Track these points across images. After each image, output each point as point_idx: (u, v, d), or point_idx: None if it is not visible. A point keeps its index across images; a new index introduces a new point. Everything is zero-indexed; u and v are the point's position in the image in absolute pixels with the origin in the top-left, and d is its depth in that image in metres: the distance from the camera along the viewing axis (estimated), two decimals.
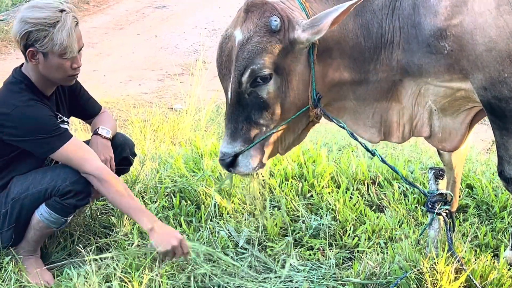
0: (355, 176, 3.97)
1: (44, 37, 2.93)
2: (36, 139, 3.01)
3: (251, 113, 2.77)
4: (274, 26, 2.64)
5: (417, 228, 3.42)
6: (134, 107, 5.96)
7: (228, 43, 2.75)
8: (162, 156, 4.37)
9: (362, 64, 2.86)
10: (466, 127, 3.03)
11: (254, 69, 2.66)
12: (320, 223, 3.49)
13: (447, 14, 2.68)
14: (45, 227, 3.13)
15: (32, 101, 3.03)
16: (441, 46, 2.72)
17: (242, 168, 2.86)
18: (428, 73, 2.82)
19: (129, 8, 10.53)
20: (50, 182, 3.06)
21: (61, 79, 3.09)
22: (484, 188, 3.86)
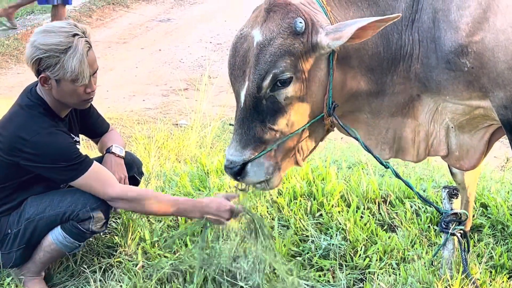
0: (366, 195, 3.96)
1: (55, 64, 2.93)
2: (57, 167, 3.02)
3: (266, 118, 2.70)
4: (299, 28, 2.59)
5: (430, 248, 3.41)
6: (138, 123, 5.97)
7: (244, 44, 2.69)
8: (167, 174, 4.38)
9: (380, 75, 2.85)
10: (485, 144, 3.01)
11: (276, 73, 2.60)
12: (330, 243, 3.48)
13: (469, 30, 2.67)
14: (56, 250, 3.15)
15: (53, 128, 3.04)
16: (462, 63, 2.71)
17: (251, 177, 2.78)
18: (446, 90, 2.81)
19: (132, 21, 10.59)
20: (69, 206, 3.07)
21: (75, 104, 3.12)
22: (499, 207, 3.85)
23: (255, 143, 2.73)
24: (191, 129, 5.40)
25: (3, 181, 3.12)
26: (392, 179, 4.21)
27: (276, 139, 2.74)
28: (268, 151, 2.74)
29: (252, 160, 2.74)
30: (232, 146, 2.75)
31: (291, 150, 2.83)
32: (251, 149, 2.73)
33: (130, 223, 3.56)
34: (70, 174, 3.04)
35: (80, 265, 3.36)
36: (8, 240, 3.14)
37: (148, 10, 11.33)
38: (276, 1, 2.68)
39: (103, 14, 10.79)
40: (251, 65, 2.65)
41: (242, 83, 2.69)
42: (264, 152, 2.73)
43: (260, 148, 2.73)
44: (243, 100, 2.69)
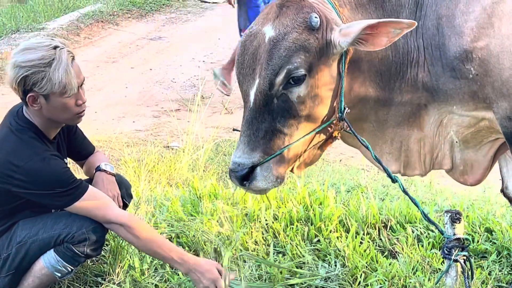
0: (366, 220, 3.97)
1: (42, 78, 2.93)
2: (52, 193, 3.02)
3: (276, 119, 2.68)
4: (315, 23, 2.60)
5: (433, 275, 3.41)
6: (127, 146, 5.98)
7: (254, 41, 2.69)
8: (158, 199, 4.38)
9: (388, 80, 2.87)
10: (490, 160, 3.03)
11: (290, 69, 2.60)
12: (328, 270, 3.48)
13: (473, 35, 2.70)
14: (47, 274, 3.14)
15: (46, 152, 3.04)
16: (466, 69, 2.73)
17: (260, 182, 2.73)
18: (453, 100, 2.83)
19: (122, 40, 10.64)
20: (64, 228, 3.08)
21: (68, 119, 3.12)
22: (505, 232, 3.86)
23: (264, 145, 2.70)
24: (183, 151, 5.41)
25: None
26: (393, 203, 4.22)
27: (286, 142, 2.72)
28: (277, 154, 2.71)
29: (262, 163, 2.71)
30: (239, 148, 2.72)
31: (298, 156, 2.81)
32: (260, 151, 2.70)
33: (119, 250, 3.55)
34: (66, 199, 3.05)
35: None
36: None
37: (138, 28, 11.39)
38: None
39: (92, 33, 10.84)
40: (262, 62, 2.64)
41: (252, 82, 2.68)
42: (274, 155, 2.70)
43: (270, 151, 2.71)
44: (253, 99, 2.68)
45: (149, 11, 12.42)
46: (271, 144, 2.71)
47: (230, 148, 6.10)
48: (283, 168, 2.77)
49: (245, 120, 2.72)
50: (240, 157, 2.71)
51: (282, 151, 2.72)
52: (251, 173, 2.72)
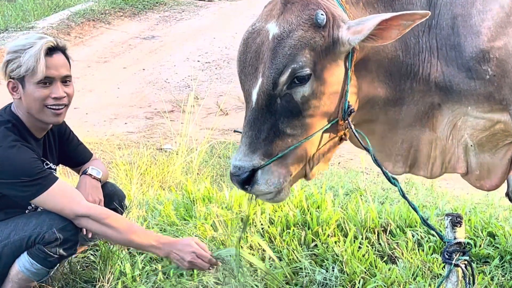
0: (364, 224, 3.97)
1: (16, 62, 3.05)
2: (17, 182, 3.04)
3: (279, 120, 2.64)
4: (321, 20, 2.58)
5: (433, 281, 3.42)
6: (119, 148, 5.99)
7: (257, 38, 2.65)
8: (150, 202, 4.38)
9: (398, 80, 2.85)
10: (507, 163, 3.02)
11: (295, 68, 2.57)
12: (326, 276, 3.48)
13: (491, 35, 2.70)
14: (24, 279, 3.14)
15: (15, 142, 3.07)
16: (483, 70, 2.72)
17: (262, 186, 2.68)
18: (468, 101, 2.83)
19: (114, 39, 10.64)
20: (34, 229, 3.08)
21: (39, 111, 3.12)
22: (508, 236, 3.86)
23: (266, 147, 2.67)
24: (177, 154, 5.42)
25: None
26: (393, 206, 4.23)
27: (289, 144, 2.69)
28: (280, 157, 2.68)
29: (263, 166, 2.67)
30: (240, 150, 2.68)
31: (303, 159, 2.77)
32: (261, 153, 2.67)
33: (110, 255, 3.55)
34: (32, 190, 3.05)
35: None
36: None
37: (131, 27, 11.40)
38: None
39: (82, 32, 10.85)
40: (265, 61, 2.61)
41: (255, 81, 2.65)
42: (276, 158, 2.67)
43: (272, 153, 2.67)
44: (255, 99, 2.65)
45: (142, 10, 12.42)
46: (273, 146, 2.68)
47: (225, 150, 6.11)
48: (287, 171, 2.74)
49: (247, 121, 2.69)
50: (240, 160, 2.67)
51: (284, 153, 2.68)
52: (252, 177, 2.68)
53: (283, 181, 2.73)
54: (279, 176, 2.72)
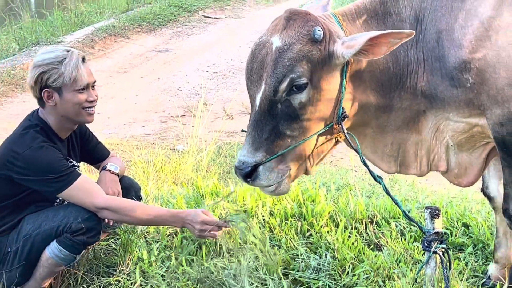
0: (353, 215, 3.97)
1: (55, 74, 3.06)
2: (45, 178, 3.05)
3: (279, 122, 2.67)
4: (318, 35, 2.60)
5: (414, 266, 3.41)
6: (137, 148, 5.97)
7: (263, 50, 2.68)
8: (164, 196, 4.38)
9: (388, 89, 2.86)
10: (483, 162, 3.03)
11: (293, 78, 2.59)
12: (320, 262, 3.47)
13: (472, 47, 2.70)
14: (54, 264, 3.14)
15: (43, 143, 3.09)
16: (465, 78, 2.73)
17: (263, 180, 2.72)
18: (450, 107, 2.83)
19: (132, 52, 10.64)
20: (62, 220, 3.09)
21: (77, 114, 3.15)
22: (480, 227, 3.86)
23: (267, 146, 2.69)
24: (188, 153, 5.41)
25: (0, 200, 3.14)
26: (379, 200, 4.22)
27: (288, 144, 2.71)
28: (279, 155, 2.70)
29: (264, 163, 2.69)
30: (244, 148, 2.71)
31: (302, 157, 2.79)
32: (263, 151, 2.69)
33: (129, 243, 3.55)
34: (58, 185, 3.06)
35: (81, 284, 3.35)
36: (8, 258, 3.15)
37: (147, 41, 11.39)
38: (296, 11, 2.70)
39: (105, 45, 10.85)
40: (268, 70, 2.63)
41: (259, 87, 2.67)
42: (276, 156, 2.69)
43: (272, 152, 2.69)
44: (258, 103, 2.67)
45: (157, 26, 12.42)
46: (274, 145, 2.70)
47: (230, 151, 6.10)
48: (285, 169, 2.76)
49: (251, 122, 2.71)
50: (244, 156, 2.70)
51: (283, 152, 2.70)
52: (254, 171, 2.71)
53: (282, 177, 2.75)
54: (278, 172, 2.73)
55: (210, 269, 3.31)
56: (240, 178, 2.76)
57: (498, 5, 2.72)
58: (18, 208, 3.18)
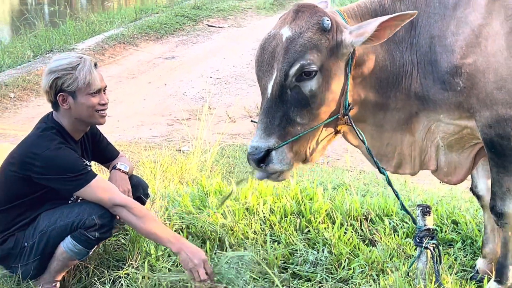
0: (349, 213, 3.96)
1: (69, 78, 3.07)
2: (64, 177, 3.06)
3: (290, 109, 2.66)
4: (326, 25, 2.61)
5: (406, 261, 3.41)
6: (145, 150, 5.98)
7: (273, 42, 2.68)
8: (171, 195, 4.38)
9: (385, 88, 2.87)
10: (471, 162, 3.03)
11: (303, 64, 2.59)
12: (317, 256, 3.47)
13: (463, 53, 2.71)
14: (68, 258, 3.15)
15: (61, 144, 3.11)
16: (455, 82, 2.73)
17: (276, 164, 2.69)
18: (441, 109, 2.84)
19: (141, 59, 10.65)
20: (77, 216, 3.10)
21: (91, 116, 3.17)
22: (468, 224, 3.86)
23: (279, 132, 2.66)
24: (193, 154, 5.41)
25: (17, 198, 3.16)
26: (373, 198, 4.22)
27: (298, 131, 2.69)
28: (291, 141, 2.68)
29: (276, 148, 2.67)
30: (257, 134, 2.68)
31: (305, 145, 2.77)
32: (275, 137, 2.66)
33: (137, 239, 3.55)
34: (76, 184, 3.07)
35: (92, 277, 3.35)
36: (25, 253, 3.15)
37: (155, 49, 11.40)
38: (305, 4, 2.71)
39: (114, 52, 10.85)
40: (279, 58, 2.63)
41: (270, 76, 2.66)
42: (288, 141, 2.67)
43: (284, 138, 2.67)
44: (270, 90, 2.66)
45: (164, 34, 12.42)
46: (285, 131, 2.68)
47: (233, 152, 6.11)
48: (294, 153, 2.74)
49: (263, 109, 2.69)
50: (257, 142, 2.67)
51: (295, 138, 2.68)
52: (267, 157, 2.68)
53: (292, 161, 2.73)
54: (290, 157, 2.72)
55: (214, 262, 3.31)
56: (253, 164, 2.72)
57: (488, 14, 2.72)
58: (35, 206, 3.19)
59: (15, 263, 3.18)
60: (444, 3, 2.80)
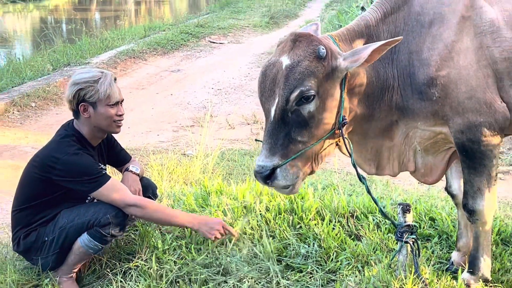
0: (337, 210, 3.96)
1: (91, 90, 3.10)
2: (81, 180, 3.07)
3: (291, 130, 2.64)
4: (322, 53, 2.59)
5: (388, 254, 3.41)
6: (153, 153, 5.98)
7: (273, 69, 2.65)
8: (176, 194, 4.37)
9: (372, 101, 2.87)
10: (445, 164, 3.04)
11: (302, 90, 2.57)
12: (308, 250, 3.47)
13: (437, 66, 2.72)
14: (84, 252, 3.16)
15: (79, 150, 3.12)
16: (431, 93, 2.74)
17: (281, 180, 2.67)
18: (418, 117, 2.84)
19: (149, 72, 10.65)
20: (93, 215, 3.10)
21: (109, 125, 3.19)
22: (444, 220, 3.86)
23: (282, 151, 2.65)
24: (196, 158, 5.41)
25: (39, 197, 3.16)
26: (358, 197, 4.22)
27: (300, 149, 2.67)
28: (293, 158, 2.66)
29: (281, 165, 2.65)
30: (262, 154, 2.67)
31: (310, 160, 2.76)
32: (279, 156, 2.64)
33: (146, 234, 3.55)
34: (92, 185, 3.09)
35: (105, 269, 3.35)
36: (45, 246, 3.15)
37: (162, 63, 11.40)
38: (301, 33, 2.69)
39: (126, 66, 10.85)
40: (280, 84, 2.61)
41: (273, 101, 2.64)
42: (290, 159, 2.65)
43: (286, 156, 2.65)
44: (273, 114, 2.63)
45: (170, 49, 12.42)
46: (287, 150, 2.66)
47: (232, 155, 6.10)
48: (298, 168, 2.72)
49: (267, 131, 2.67)
50: (263, 161, 2.66)
51: (297, 156, 2.67)
52: (273, 174, 2.66)
53: (296, 177, 2.71)
54: (293, 173, 2.70)
55: (216, 255, 3.31)
56: (261, 181, 2.71)
57: (459, 31, 2.74)
58: (55, 204, 3.19)
59: (36, 256, 3.18)
60: (421, 22, 2.81)
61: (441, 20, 2.77)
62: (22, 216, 3.20)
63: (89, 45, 11.93)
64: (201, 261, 3.29)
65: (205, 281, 3.15)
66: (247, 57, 11.86)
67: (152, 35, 13.45)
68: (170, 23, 15.85)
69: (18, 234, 3.21)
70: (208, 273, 3.17)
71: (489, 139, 2.77)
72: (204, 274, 3.15)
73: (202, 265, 3.26)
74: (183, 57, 11.94)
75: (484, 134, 2.75)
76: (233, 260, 3.26)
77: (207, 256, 3.35)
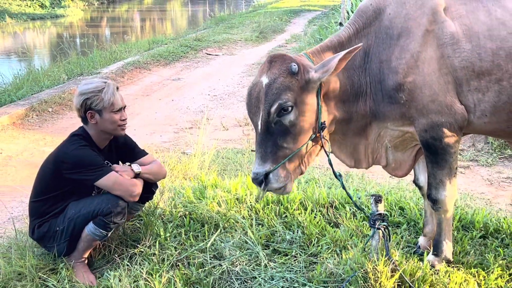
0: (318, 201, 3.97)
1: (97, 99, 3.07)
2: (86, 169, 3.05)
3: (277, 138, 2.65)
4: (294, 69, 2.61)
5: (363, 239, 3.42)
6: (156, 152, 5.96)
7: (256, 88, 2.68)
8: (176, 188, 4.36)
9: (348, 106, 2.88)
10: (413, 159, 3.06)
11: (280, 103, 2.59)
12: (293, 236, 3.47)
13: (405, 73, 2.73)
14: (91, 239, 3.14)
15: (84, 145, 3.11)
16: (399, 97, 2.75)
17: (274, 184, 2.70)
18: (388, 119, 2.86)
19: (153, 80, 10.61)
20: (97, 205, 3.09)
21: (114, 129, 3.18)
22: (412, 209, 3.87)
23: (272, 157, 2.67)
24: (194, 156, 5.39)
25: (51, 191, 3.15)
26: (337, 190, 4.23)
27: (287, 154, 2.69)
28: (282, 163, 2.68)
29: (272, 171, 2.67)
30: (255, 162, 2.70)
31: (298, 163, 2.77)
32: (270, 162, 2.66)
33: (150, 223, 3.53)
34: (95, 175, 3.07)
35: (113, 254, 3.33)
36: (57, 235, 3.14)
37: (164, 72, 11.36)
38: (275, 55, 2.72)
39: (132, 75, 10.80)
40: (262, 101, 2.63)
41: (258, 115, 2.66)
42: (279, 164, 2.67)
43: (276, 161, 2.67)
44: (260, 126, 2.66)
45: (171, 60, 12.38)
46: (277, 156, 2.68)
47: (226, 154, 6.09)
48: (288, 171, 2.73)
49: (257, 142, 2.70)
50: (257, 169, 2.69)
51: (285, 161, 2.69)
52: (266, 179, 2.69)
53: (286, 179, 2.73)
54: (284, 176, 2.72)
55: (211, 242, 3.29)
56: (257, 185, 2.75)
57: (424, 43, 2.76)
58: (64, 197, 3.18)
59: (50, 244, 3.17)
60: (390, 35, 2.82)
61: (407, 33, 2.78)
62: (37, 207, 3.20)
63: (100, 57, 11.87)
64: (198, 247, 3.28)
65: (202, 264, 3.14)
66: (240, 67, 11.84)
67: (156, 48, 13.41)
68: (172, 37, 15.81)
69: (33, 223, 3.20)
70: (204, 257, 3.16)
71: (450, 137, 2.79)
72: (201, 258, 3.14)
73: (199, 250, 3.25)
74: (183, 67, 11.90)
75: (445, 132, 2.77)
76: (226, 246, 3.25)
77: (203, 242, 3.33)
